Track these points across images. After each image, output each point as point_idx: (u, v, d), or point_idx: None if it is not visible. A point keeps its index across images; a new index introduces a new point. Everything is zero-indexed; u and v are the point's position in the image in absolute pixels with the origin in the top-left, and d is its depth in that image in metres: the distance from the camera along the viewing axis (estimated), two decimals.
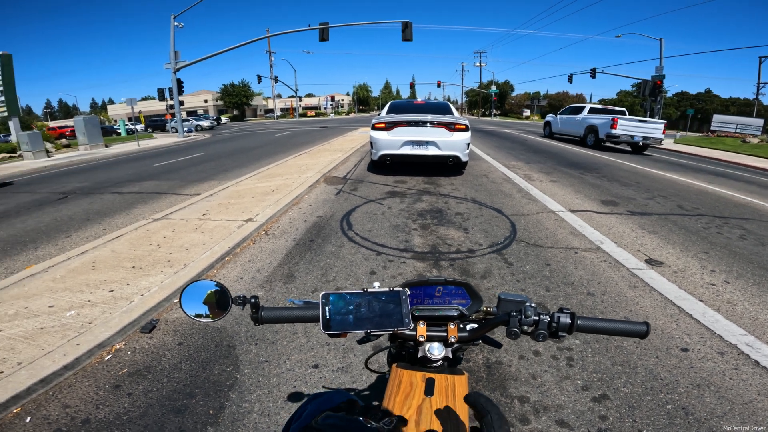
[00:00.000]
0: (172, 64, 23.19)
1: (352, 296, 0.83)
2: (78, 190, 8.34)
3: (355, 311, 0.82)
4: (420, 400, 0.78)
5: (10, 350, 2.38)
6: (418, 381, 0.82)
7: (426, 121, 7.64)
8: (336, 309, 0.82)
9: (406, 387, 0.81)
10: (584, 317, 0.81)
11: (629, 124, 13.83)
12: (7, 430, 1.91)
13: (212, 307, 0.88)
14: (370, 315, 0.82)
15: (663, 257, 3.99)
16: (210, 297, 0.88)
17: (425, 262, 3.81)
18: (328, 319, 0.81)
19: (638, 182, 8.14)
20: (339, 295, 0.83)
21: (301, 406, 0.96)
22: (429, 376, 0.83)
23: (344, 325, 0.81)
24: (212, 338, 2.64)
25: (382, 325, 0.82)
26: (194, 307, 0.87)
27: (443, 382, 0.82)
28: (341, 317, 0.81)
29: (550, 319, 0.79)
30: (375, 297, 0.84)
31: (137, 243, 4.27)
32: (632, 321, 0.83)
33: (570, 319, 0.79)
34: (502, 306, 0.91)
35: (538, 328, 0.79)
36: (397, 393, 0.80)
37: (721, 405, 2.02)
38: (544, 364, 2.34)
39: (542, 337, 0.79)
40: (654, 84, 24.60)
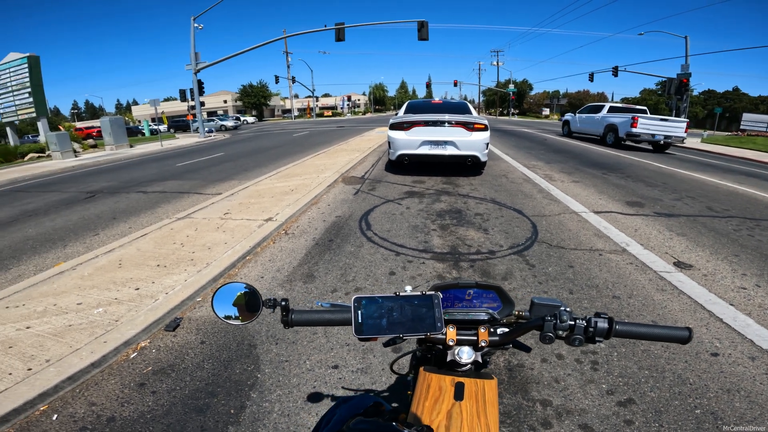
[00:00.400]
0: (192, 65, 23.64)
1: (385, 300, 0.82)
2: (105, 189, 8.58)
3: (387, 315, 0.81)
4: (450, 405, 0.76)
5: (38, 347, 2.45)
6: (447, 385, 0.81)
7: (444, 121, 7.59)
8: (368, 313, 0.81)
9: (435, 391, 0.80)
10: (623, 322, 0.79)
11: (650, 123, 13.55)
12: (33, 428, 1.95)
13: (242, 309, 0.88)
14: (402, 319, 0.81)
15: (692, 260, 3.87)
16: (240, 299, 0.88)
17: (445, 263, 3.78)
18: (360, 323, 0.80)
19: (665, 182, 7.91)
20: (371, 299, 0.82)
21: (330, 410, 0.96)
22: (458, 381, 0.81)
23: (376, 329, 0.80)
24: (234, 337, 2.67)
25: (414, 329, 0.81)
26: (224, 309, 0.87)
27: (473, 386, 0.80)
28: (373, 321, 0.81)
29: (586, 324, 0.78)
30: (407, 301, 0.83)
31: (161, 242, 4.36)
32: (673, 326, 0.80)
33: (608, 324, 0.77)
34: (535, 310, 0.90)
35: (574, 333, 0.78)
36: (426, 397, 0.79)
37: (751, 410, 1.96)
38: (568, 368, 2.29)
39: (578, 342, 0.77)
40: (680, 82, 23.93)
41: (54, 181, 10.33)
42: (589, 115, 17.30)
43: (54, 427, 1.95)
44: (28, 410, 2.03)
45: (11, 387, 2.10)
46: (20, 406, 2.00)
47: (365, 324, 0.80)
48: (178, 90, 27.54)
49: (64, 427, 1.95)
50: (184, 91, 26.94)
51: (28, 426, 1.96)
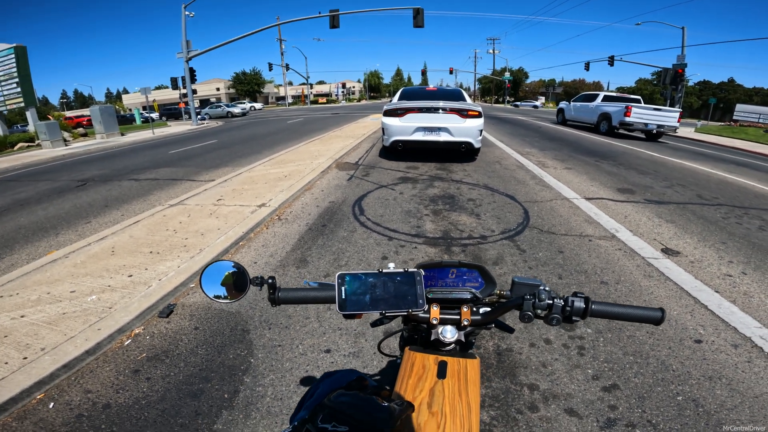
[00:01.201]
0: (184, 53, 23.25)
1: (368, 277, 0.83)
2: (96, 177, 8.50)
3: (370, 292, 0.82)
4: (432, 383, 0.78)
5: (33, 336, 2.46)
6: (430, 364, 0.83)
7: (438, 108, 7.57)
8: (351, 289, 0.82)
9: (418, 369, 0.82)
10: (598, 302, 0.80)
11: (643, 112, 13.66)
12: (30, 417, 1.97)
13: (230, 288, 0.89)
14: (385, 296, 0.82)
15: (680, 247, 3.93)
16: (228, 278, 0.89)
17: (437, 248, 3.81)
18: (344, 299, 0.81)
19: (656, 170, 7.97)
20: (354, 275, 0.83)
21: (313, 385, 0.98)
22: (442, 359, 0.83)
23: (360, 305, 0.81)
24: (227, 323, 2.69)
25: (397, 306, 0.82)
26: (213, 288, 0.88)
27: (456, 365, 0.82)
28: (357, 298, 0.82)
29: (564, 303, 0.79)
30: (390, 278, 0.84)
31: (154, 228, 4.35)
32: (647, 307, 0.82)
33: (584, 303, 0.78)
34: (516, 289, 0.91)
35: (552, 312, 0.79)
36: (410, 375, 0.81)
37: (731, 398, 2.00)
38: (555, 353, 2.34)
39: (555, 321, 0.78)
40: (675, 72, 23.95)
41: (45, 170, 10.21)
42: (583, 103, 17.32)
43: (51, 415, 1.97)
44: (25, 399, 2.05)
45: (8, 376, 2.11)
46: (17, 395, 2.01)
47: (349, 300, 0.81)
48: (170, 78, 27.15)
49: (60, 415, 1.97)
50: (175, 79, 26.55)
51: (26, 414, 1.97)
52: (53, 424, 1.91)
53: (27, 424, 1.91)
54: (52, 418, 1.95)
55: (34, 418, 1.95)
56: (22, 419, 1.95)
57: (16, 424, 1.92)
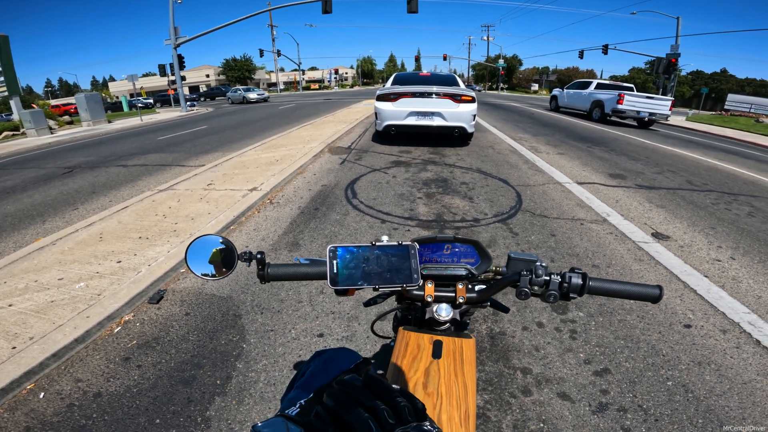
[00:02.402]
0: (172, 39, 22.72)
1: (360, 250, 0.79)
2: (83, 164, 8.34)
3: (363, 266, 0.78)
4: (428, 363, 0.77)
5: (21, 325, 2.41)
6: (425, 343, 0.80)
7: (431, 93, 7.50)
8: (344, 263, 0.78)
9: (413, 349, 0.80)
10: (596, 278, 0.78)
11: (635, 100, 13.73)
12: (22, 407, 1.93)
13: (218, 265, 0.84)
14: (379, 270, 0.78)
15: (670, 231, 3.96)
16: (215, 255, 0.84)
17: (430, 230, 3.81)
18: (336, 273, 0.77)
19: (647, 157, 8.01)
20: (347, 248, 0.79)
21: (304, 364, 0.96)
22: (437, 339, 0.81)
23: (352, 280, 0.77)
24: (219, 308, 2.67)
25: (391, 281, 0.78)
26: (200, 266, 0.84)
27: (451, 344, 0.80)
28: (349, 272, 0.78)
29: (561, 279, 0.77)
30: (383, 251, 0.80)
31: (143, 214, 4.29)
32: (645, 284, 0.80)
33: (582, 279, 0.76)
34: (512, 265, 0.87)
35: (549, 288, 0.76)
36: (405, 356, 0.79)
37: (720, 384, 2.01)
38: (548, 336, 2.35)
39: (553, 298, 0.76)
40: (668, 62, 24.01)
41: (31, 158, 10.00)
42: (576, 90, 17.32)
43: (42, 405, 1.94)
44: (15, 389, 2.01)
45: None
46: (6, 386, 1.98)
47: (341, 275, 0.77)
48: (158, 65, 26.49)
49: (51, 404, 1.94)
50: (163, 66, 25.88)
51: (17, 405, 1.94)
52: (45, 414, 1.89)
53: (18, 415, 1.88)
54: (44, 408, 1.92)
55: (26, 408, 1.92)
56: (14, 410, 1.91)
57: (8, 415, 1.88)
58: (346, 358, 0.91)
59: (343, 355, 0.92)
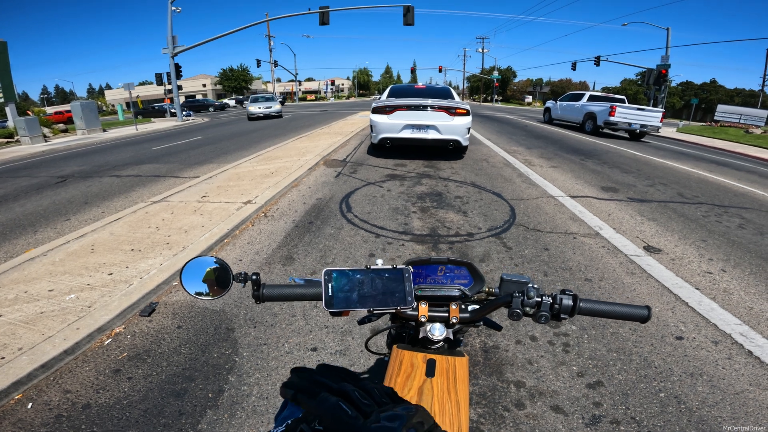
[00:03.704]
0: (169, 48, 22.84)
1: (355, 273, 0.81)
2: (76, 173, 8.30)
3: (357, 289, 0.80)
4: (421, 381, 0.78)
5: (10, 335, 2.39)
6: (419, 362, 0.82)
7: (426, 105, 7.57)
8: (338, 286, 0.80)
9: (407, 368, 0.81)
10: (586, 300, 0.81)
11: (627, 112, 13.93)
12: (9, 417, 1.91)
13: (212, 284, 0.85)
14: (373, 293, 0.80)
15: (661, 244, 4.00)
16: (209, 274, 0.85)
17: (424, 245, 3.81)
18: (331, 296, 0.79)
19: (639, 169, 8.11)
20: (341, 272, 0.81)
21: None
22: (430, 357, 0.82)
23: (347, 302, 0.79)
24: (211, 321, 2.65)
25: (385, 303, 0.80)
26: (194, 285, 0.84)
27: (444, 363, 0.81)
28: (344, 295, 0.79)
29: (552, 300, 0.79)
30: (378, 274, 0.81)
31: (136, 226, 4.26)
32: (634, 305, 0.82)
33: (572, 301, 0.79)
34: (504, 287, 0.90)
35: (540, 309, 0.79)
36: (399, 374, 0.80)
37: (713, 394, 2.03)
38: (541, 350, 2.35)
39: (544, 318, 0.78)
40: (659, 73, 24.40)
41: (23, 167, 9.93)
42: (569, 103, 17.54)
43: (30, 416, 1.92)
44: (2, 399, 1.99)
45: None
46: None
47: (336, 297, 0.79)
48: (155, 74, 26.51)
49: (39, 415, 1.92)
50: (160, 75, 25.96)
51: (4, 415, 1.92)
52: (32, 424, 1.87)
53: (5, 425, 1.86)
54: (31, 419, 1.90)
55: (13, 418, 1.90)
56: (0, 420, 1.89)
57: None
58: None
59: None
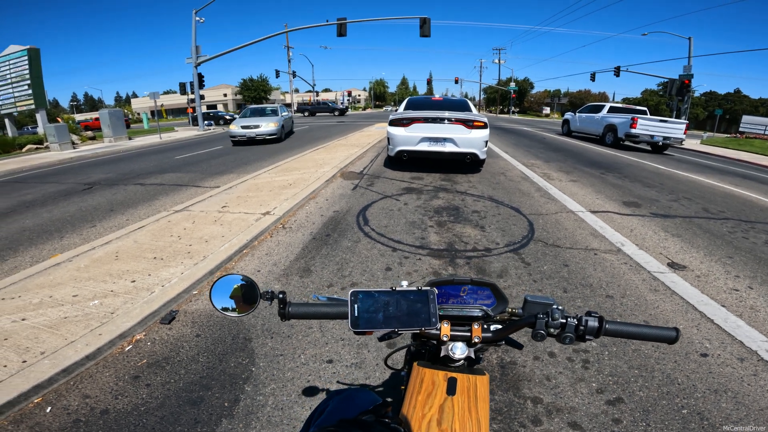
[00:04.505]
0: (193, 58, 23.50)
1: (381, 294, 0.84)
2: (103, 181, 8.56)
3: (383, 309, 0.83)
4: (442, 399, 0.78)
5: (33, 339, 2.45)
6: (440, 380, 0.82)
7: (444, 118, 7.58)
8: (364, 307, 0.82)
9: (428, 386, 0.82)
10: (613, 321, 0.81)
11: (649, 124, 13.62)
12: (26, 420, 1.96)
13: (239, 300, 0.89)
14: (398, 314, 0.83)
15: (686, 261, 3.89)
16: (236, 291, 0.89)
17: (441, 260, 3.80)
18: (357, 316, 0.82)
19: (662, 183, 7.94)
20: (368, 293, 0.84)
21: (322, 402, 0.97)
22: (451, 376, 0.83)
23: (372, 323, 0.82)
24: (229, 331, 2.68)
25: (410, 324, 0.82)
26: (222, 301, 0.88)
27: (465, 382, 0.82)
28: (369, 315, 0.82)
29: (577, 322, 0.79)
30: (403, 296, 0.84)
31: (159, 234, 4.36)
32: (662, 326, 0.82)
33: (598, 323, 0.79)
34: (528, 308, 0.91)
35: (565, 331, 0.79)
36: (419, 391, 0.81)
37: (737, 410, 1.99)
38: (559, 366, 2.31)
39: (569, 339, 0.79)
40: (681, 83, 23.89)
41: (52, 173, 10.29)
42: (589, 114, 17.33)
43: (47, 420, 1.96)
44: (22, 402, 2.03)
45: (6, 379, 2.10)
46: (14, 399, 2.00)
47: (361, 318, 0.81)
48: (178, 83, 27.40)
49: (57, 419, 1.96)
50: (183, 84, 26.80)
51: (22, 418, 1.96)
52: (49, 428, 1.90)
53: (23, 428, 1.90)
54: (49, 423, 1.93)
55: (30, 422, 1.94)
56: (18, 423, 1.93)
57: (12, 428, 1.90)
58: (366, 399, 0.91)
59: (362, 395, 0.92)
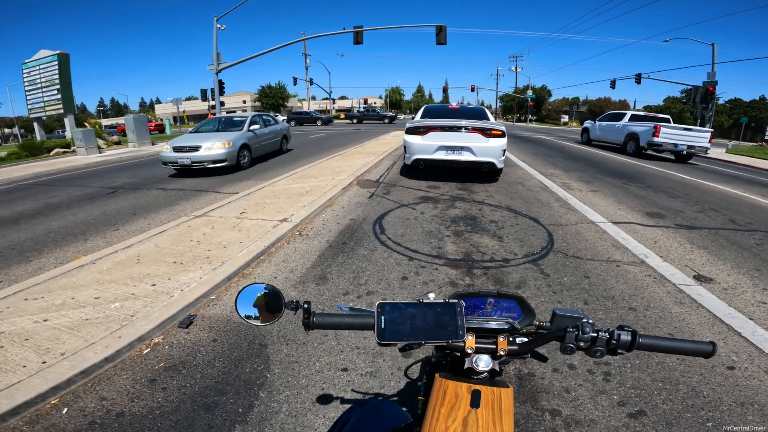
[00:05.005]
0: (214, 65, 23.98)
1: (408, 307, 0.84)
2: (126, 185, 8.78)
3: (410, 322, 0.82)
4: (466, 412, 0.77)
5: (54, 340, 2.50)
6: (463, 392, 0.81)
7: (461, 126, 7.54)
8: (391, 319, 0.82)
9: (451, 398, 0.80)
10: (646, 335, 0.79)
11: (673, 132, 13.24)
12: (42, 421, 1.98)
13: (262, 309, 0.89)
14: (425, 326, 0.82)
15: (712, 273, 3.76)
16: (260, 299, 0.89)
17: (458, 270, 3.75)
18: (383, 328, 0.82)
19: (687, 194, 7.73)
20: (395, 305, 0.84)
21: (344, 413, 0.95)
22: (475, 388, 0.81)
23: (399, 335, 0.82)
24: (245, 336, 2.69)
25: (437, 336, 0.82)
26: (246, 309, 0.89)
27: (490, 394, 0.80)
28: (395, 327, 0.82)
29: (609, 336, 0.78)
30: (430, 308, 0.84)
31: (179, 239, 4.44)
32: (697, 340, 0.80)
33: (631, 337, 0.78)
34: (557, 321, 0.90)
35: (596, 344, 0.78)
36: (442, 404, 0.79)
37: (764, 422, 1.95)
38: (579, 378, 2.26)
39: (600, 353, 0.78)
40: (705, 90, 23.35)
41: (78, 176, 10.61)
42: (609, 122, 17.02)
43: (63, 421, 1.98)
44: (39, 403, 2.06)
45: (24, 379, 2.14)
46: (31, 399, 2.03)
47: (388, 330, 0.81)
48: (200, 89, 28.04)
49: (73, 421, 1.98)
50: (205, 91, 27.38)
51: (38, 419, 1.99)
52: (65, 429, 1.93)
53: (38, 429, 1.93)
54: (64, 424, 1.96)
55: (46, 423, 1.97)
56: (34, 423, 1.96)
57: (27, 429, 1.93)
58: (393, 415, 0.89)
59: (388, 410, 0.90)
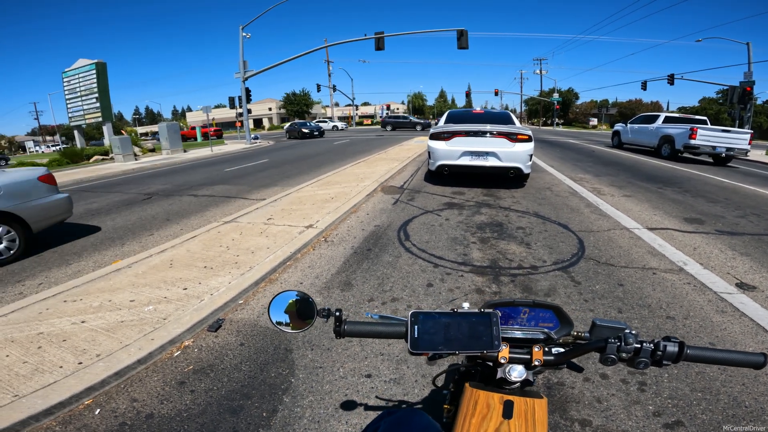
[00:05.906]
0: (241, 73, 24.62)
1: (441, 316, 0.82)
2: (160, 191, 9.10)
3: (443, 331, 0.81)
4: (498, 423, 0.75)
5: (91, 342, 2.59)
6: (495, 403, 0.79)
7: (486, 131, 7.43)
8: (424, 328, 0.81)
9: (482, 408, 0.78)
10: (694, 347, 0.76)
11: (710, 134, 12.65)
12: (74, 422, 2.04)
13: (294, 316, 0.89)
14: (459, 336, 0.81)
15: (756, 281, 3.56)
16: (291, 306, 0.89)
17: (484, 277, 3.68)
18: (417, 338, 0.80)
19: (727, 198, 7.36)
20: (428, 314, 0.82)
21: (372, 422, 0.94)
22: (507, 399, 0.79)
23: (432, 345, 0.80)
24: (271, 341, 2.72)
25: (471, 346, 0.80)
26: (278, 315, 0.89)
27: (522, 405, 0.78)
28: (429, 337, 0.80)
29: (654, 347, 0.75)
30: (465, 318, 0.82)
31: (209, 244, 4.55)
32: (747, 352, 0.76)
33: (678, 348, 0.75)
34: (596, 332, 0.87)
35: (639, 356, 0.75)
36: (473, 414, 0.78)
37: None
38: (612, 388, 2.17)
39: (644, 365, 0.75)
40: (743, 90, 22.28)
41: (116, 183, 11.09)
42: (642, 125, 16.45)
43: (95, 422, 2.03)
44: (73, 403, 2.11)
45: (60, 380, 2.21)
46: (66, 399, 2.09)
47: (421, 339, 0.80)
48: (228, 97, 28.91)
49: (105, 421, 2.03)
50: (233, 99, 28.24)
51: (71, 419, 2.05)
52: (96, 430, 1.97)
53: (70, 429, 1.98)
54: (96, 425, 2.00)
55: (78, 423, 2.02)
56: (66, 424, 2.02)
57: (60, 429, 1.99)
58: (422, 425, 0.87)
59: (417, 420, 0.88)
